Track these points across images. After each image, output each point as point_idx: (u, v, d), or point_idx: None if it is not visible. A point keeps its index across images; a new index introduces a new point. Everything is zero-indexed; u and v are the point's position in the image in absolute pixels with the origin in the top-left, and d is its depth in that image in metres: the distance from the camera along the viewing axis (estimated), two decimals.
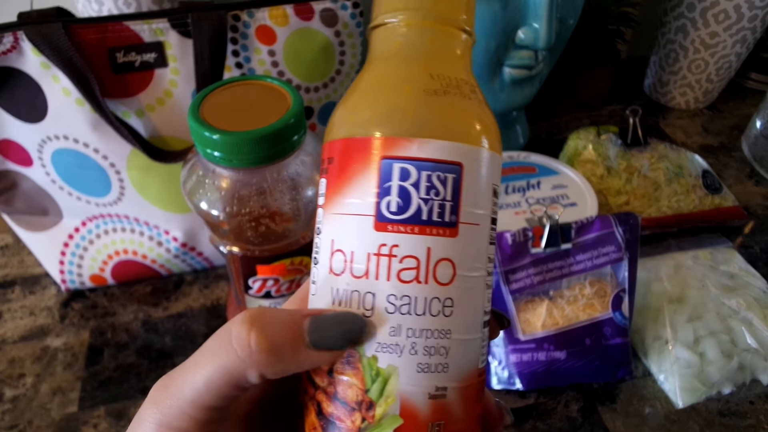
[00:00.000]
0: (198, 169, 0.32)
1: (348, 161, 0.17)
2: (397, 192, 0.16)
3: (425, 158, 0.16)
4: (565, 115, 0.67)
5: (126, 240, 0.47)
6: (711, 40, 0.59)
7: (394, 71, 0.18)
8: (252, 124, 0.30)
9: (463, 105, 0.17)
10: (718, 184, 0.52)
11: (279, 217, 0.32)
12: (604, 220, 0.41)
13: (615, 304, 0.41)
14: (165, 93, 0.40)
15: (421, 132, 0.17)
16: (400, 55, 0.18)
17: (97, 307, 0.48)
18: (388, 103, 0.17)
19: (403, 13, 0.18)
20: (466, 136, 0.17)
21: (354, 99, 0.18)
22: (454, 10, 0.18)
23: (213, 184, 0.31)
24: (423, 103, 0.17)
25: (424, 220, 0.16)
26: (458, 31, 0.19)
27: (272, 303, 0.37)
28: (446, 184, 0.17)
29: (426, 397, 0.17)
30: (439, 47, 0.18)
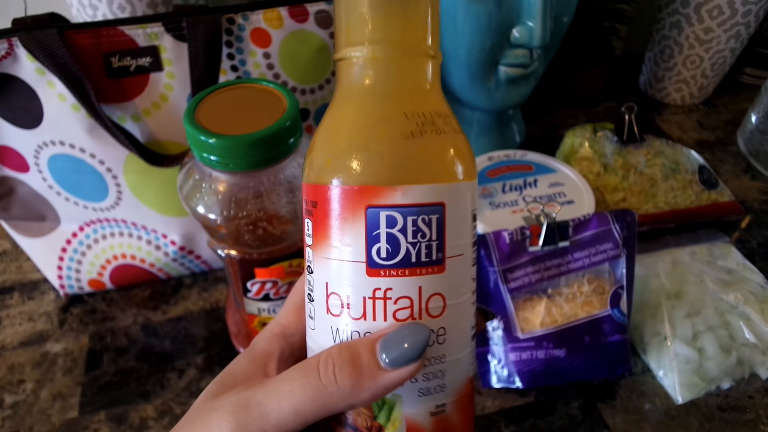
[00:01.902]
0: (194, 173, 0.32)
1: (333, 208, 0.17)
2: (386, 239, 0.17)
3: (409, 204, 0.17)
4: (561, 113, 0.67)
5: (124, 244, 0.47)
6: (705, 36, 0.59)
7: (368, 111, 0.18)
8: (248, 127, 0.30)
9: (439, 143, 0.18)
10: (714, 180, 0.52)
11: (276, 220, 0.32)
12: (601, 217, 0.42)
13: (613, 302, 0.41)
14: (161, 97, 0.40)
15: (403, 179, 0.17)
16: (371, 93, 0.18)
17: (96, 312, 0.48)
18: (368, 150, 0.17)
19: (369, 47, 0.18)
20: (446, 175, 0.18)
21: (331, 142, 0.18)
22: (420, 39, 0.18)
23: (210, 188, 0.31)
24: (402, 148, 0.17)
25: (414, 262, 0.17)
26: (427, 59, 0.18)
27: (271, 306, 0.37)
28: (431, 225, 0.17)
29: (428, 416, 0.18)
30: (410, 81, 0.18)
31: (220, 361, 0.44)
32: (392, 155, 0.17)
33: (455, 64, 0.50)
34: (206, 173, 0.31)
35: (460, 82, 0.52)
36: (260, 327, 0.39)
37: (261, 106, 0.32)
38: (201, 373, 0.43)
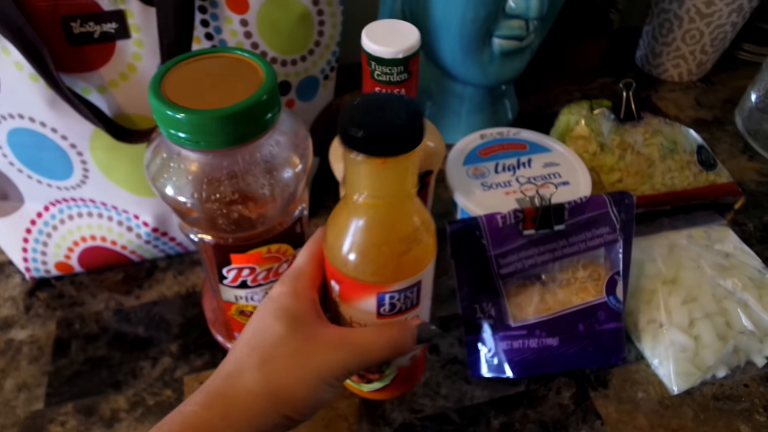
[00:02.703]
0: (162, 150, 0.30)
1: (355, 289, 0.28)
2: (388, 305, 0.29)
3: (402, 289, 0.28)
4: (555, 89, 0.64)
5: (93, 225, 0.44)
6: (707, 9, 0.56)
7: (374, 236, 0.27)
8: (220, 101, 0.27)
9: (420, 253, 0.28)
10: (712, 160, 0.50)
11: (253, 202, 0.30)
12: (598, 200, 0.40)
13: (609, 288, 0.39)
14: (128, 67, 0.37)
15: (398, 279, 0.28)
16: (376, 223, 0.27)
17: (64, 297, 0.45)
18: (375, 264, 0.27)
19: (373, 198, 0.26)
20: (423, 267, 0.29)
21: (349, 251, 0.27)
22: (408, 189, 0.26)
23: (179, 167, 0.29)
24: (397, 262, 0.28)
25: (403, 310, 0.30)
26: (411, 197, 0.27)
27: (248, 293, 0.35)
28: (414, 291, 0.29)
29: (408, 361, 0.33)
30: (400, 214, 0.27)
31: (196, 349, 0.41)
32: (392, 269, 0.28)
33: (447, 35, 0.48)
34: (175, 151, 0.29)
35: (452, 55, 0.49)
36: (238, 315, 0.37)
37: (235, 77, 0.29)
38: (176, 362, 0.41)
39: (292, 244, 0.34)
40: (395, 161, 0.24)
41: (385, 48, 0.32)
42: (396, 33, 0.33)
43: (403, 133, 0.23)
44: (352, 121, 0.23)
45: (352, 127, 0.23)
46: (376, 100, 0.25)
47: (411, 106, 0.24)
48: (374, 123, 0.23)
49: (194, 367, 0.40)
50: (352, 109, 0.24)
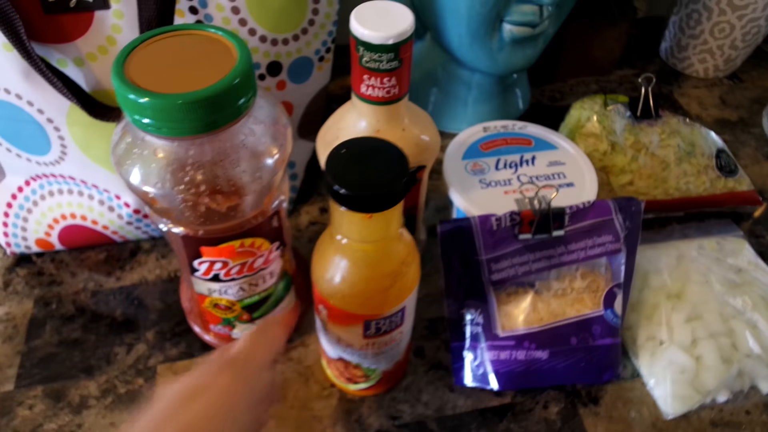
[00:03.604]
0: (129, 134, 0.27)
1: (343, 317, 0.30)
2: (374, 329, 0.30)
3: (387, 316, 0.30)
4: (570, 79, 0.61)
5: (73, 203, 0.42)
6: (740, 1, 0.52)
7: (362, 272, 0.28)
8: (188, 84, 0.25)
9: (404, 283, 0.29)
10: (733, 166, 0.47)
11: (221, 195, 0.27)
12: (602, 205, 0.37)
13: (607, 301, 0.37)
14: (108, 40, 0.35)
15: (384, 309, 0.30)
16: (362, 262, 0.28)
17: (44, 275, 0.44)
18: (362, 297, 0.29)
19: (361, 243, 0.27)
20: (408, 295, 0.30)
21: (338, 285, 0.29)
22: (392, 233, 0.28)
23: (142, 154, 0.27)
24: (383, 296, 0.29)
25: (388, 331, 0.31)
26: (396, 237, 0.28)
27: (222, 287, 0.33)
28: (398, 316, 0.31)
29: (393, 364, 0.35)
30: (386, 254, 0.28)
31: (172, 337, 0.40)
32: (379, 300, 0.29)
33: (454, 18, 0.44)
34: (139, 137, 0.27)
35: (459, 40, 0.46)
36: (212, 308, 0.35)
37: (206, 58, 0.27)
38: (151, 350, 0.39)
39: (268, 239, 0.32)
40: (380, 214, 0.25)
41: (375, 32, 0.29)
42: (388, 16, 0.30)
43: (388, 191, 0.24)
44: (337, 177, 0.24)
45: (337, 183, 0.24)
46: (361, 151, 0.25)
47: (396, 157, 0.25)
48: (359, 181, 0.24)
49: (169, 356, 0.39)
50: (337, 162, 0.25)
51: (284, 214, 0.34)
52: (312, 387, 0.38)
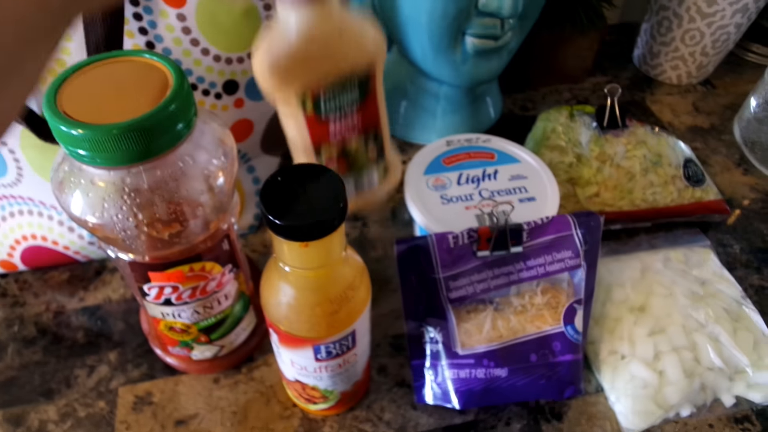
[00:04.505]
0: (66, 163, 0.27)
1: (292, 341, 0.30)
2: (324, 353, 0.30)
3: (337, 340, 0.30)
4: (543, 87, 0.60)
5: (33, 224, 0.42)
6: (708, 9, 0.52)
7: (307, 298, 0.28)
8: (122, 113, 0.25)
9: (352, 306, 0.29)
10: (700, 175, 0.47)
11: (160, 223, 0.27)
12: (561, 220, 0.37)
13: (567, 317, 0.37)
14: (57, 63, 0.35)
15: (332, 333, 0.29)
16: (306, 289, 0.28)
17: (7, 296, 0.44)
18: (309, 323, 0.29)
19: (303, 270, 0.27)
20: (355, 319, 0.30)
21: (285, 311, 0.29)
22: (336, 257, 0.27)
23: (81, 183, 0.26)
24: (330, 320, 0.29)
25: (340, 354, 0.31)
26: (339, 262, 0.28)
27: (174, 310, 0.33)
28: (348, 339, 0.31)
29: (351, 385, 0.35)
30: (331, 278, 0.28)
31: (134, 358, 0.40)
32: (325, 325, 0.29)
33: (416, 31, 0.44)
34: (76, 166, 0.26)
35: (422, 53, 0.46)
36: (168, 331, 0.35)
37: (140, 85, 0.26)
38: (113, 372, 0.39)
39: (219, 262, 0.32)
40: (318, 242, 0.25)
41: None
42: None
43: (324, 218, 0.24)
44: (271, 206, 0.24)
45: (271, 213, 0.24)
46: (296, 178, 0.25)
47: (333, 181, 0.25)
48: (295, 210, 0.24)
49: (130, 378, 0.39)
50: (272, 190, 0.25)
51: (235, 236, 0.33)
52: (274, 407, 0.38)
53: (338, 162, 0.35)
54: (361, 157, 0.35)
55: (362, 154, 0.35)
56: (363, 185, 0.37)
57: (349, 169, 0.35)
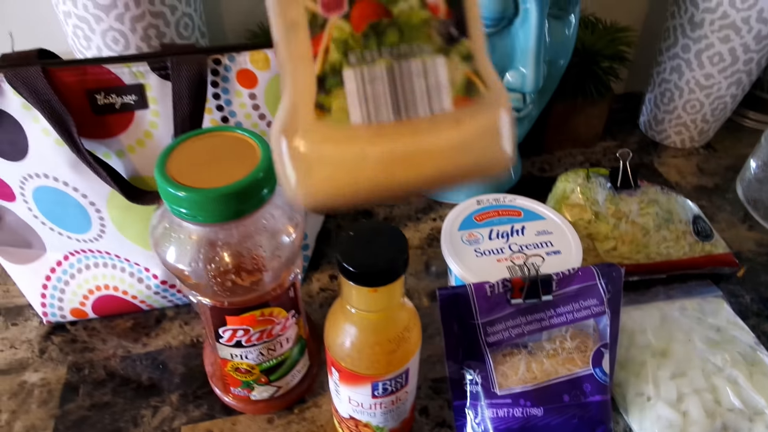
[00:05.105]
0: (166, 219, 0.32)
1: (353, 378, 0.33)
2: (381, 390, 0.34)
3: (393, 377, 0.33)
4: (558, 151, 0.66)
5: (107, 275, 0.47)
6: (706, 82, 0.58)
7: (368, 337, 0.32)
8: (219, 179, 0.30)
9: (407, 347, 0.33)
10: (709, 231, 0.51)
11: (245, 272, 0.32)
12: (586, 271, 0.41)
13: (596, 360, 0.40)
14: (145, 134, 0.40)
15: (389, 371, 0.33)
16: (369, 329, 0.32)
17: (77, 342, 0.47)
18: (369, 360, 0.32)
19: (367, 312, 0.31)
20: (411, 357, 0.33)
21: (346, 348, 0.32)
22: (397, 302, 0.31)
23: (179, 237, 0.31)
24: (388, 359, 0.32)
25: (394, 391, 0.35)
26: (400, 307, 0.32)
27: (243, 352, 0.37)
28: (403, 377, 0.34)
29: (399, 422, 0.38)
30: (391, 322, 0.32)
31: (195, 399, 0.43)
32: (384, 363, 0.32)
33: None
34: (176, 222, 0.31)
35: None
36: (233, 372, 0.39)
37: (234, 155, 0.31)
38: (175, 412, 0.42)
39: (285, 308, 0.36)
40: (384, 288, 0.29)
41: None
42: None
43: (390, 267, 0.29)
44: (346, 257, 0.28)
45: (346, 262, 0.28)
46: (367, 234, 0.30)
47: (396, 236, 0.30)
48: (365, 260, 0.28)
49: (192, 418, 0.42)
50: (346, 243, 0.29)
51: (298, 285, 0.38)
52: None
53: (360, 6, 0.18)
54: (408, 13, 0.18)
55: (413, 8, 0.18)
56: (412, 88, 0.18)
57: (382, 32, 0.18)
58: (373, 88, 0.18)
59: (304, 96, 0.18)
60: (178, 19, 0.49)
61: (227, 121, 0.42)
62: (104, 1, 0.46)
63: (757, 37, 0.54)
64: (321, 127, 0.18)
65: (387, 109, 0.18)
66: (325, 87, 0.18)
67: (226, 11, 0.60)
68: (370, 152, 0.18)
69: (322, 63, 0.18)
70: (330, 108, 0.18)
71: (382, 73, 0.18)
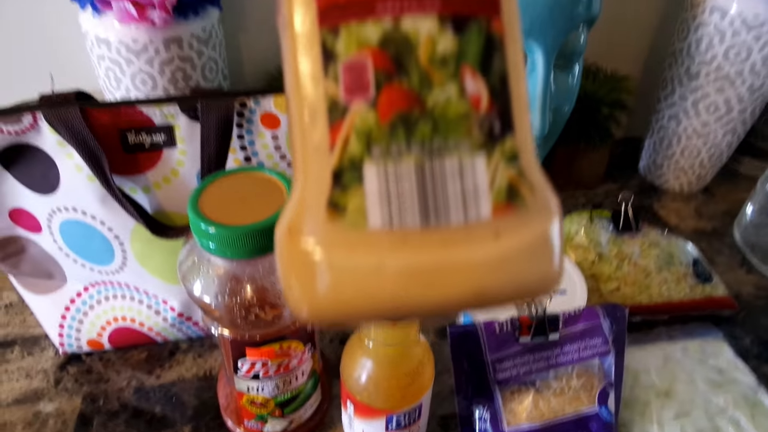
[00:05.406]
0: (194, 254, 0.34)
1: (368, 411, 0.34)
2: (395, 423, 0.35)
3: (407, 411, 0.35)
4: (562, 193, 0.68)
5: (125, 307, 0.48)
6: (702, 129, 0.61)
7: (384, 371, 0.33)
8: (247, 216, 0.31)
9: (421, 381, 0.34)
10: (708, 274, 0.53)
11: (269, 306, 0.33)
12: (591, 311, 0.42)
13: (601, 399, 0.41)
14: (172, 172, 0.42)
15: (404, 405, 0.34)
16: (386, 363, 0.33)
17: (92, 373, 0.48)
18: (385, 394, 0.34)
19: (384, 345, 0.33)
20: (425, 392, 0.35)
21: (362, 381, 0.34)
22: (414, 337, 0.33)
23: (207, 272, 0.33)
24: (403, 393, 0.34)
25: (408, 425, 0.36)
26: (416, 338, 0.34)
27: (260, 384, 0.38)
28: (416, 411, 0.35)
29: None
30: (406, 356, 0.33)
31: (207, 431, 0.44)
32: (398, 398, 0.34)
33: None
34: (205, 257, 0.33)
35: None
36: (248, 404, 0.40)
37: (261, 195, 0.33)
38: None
39: (302, 341, 0.38)
40: (403, 322, 0.31)
41: None
42: None
43: None
44: None
45: None
46: None
47: None
48: None
49: None
50: None
51: None
52: None
53: (388, 93, 0.15)
54: (445, 104, 0.16)
55: (451, 98, 0.15)
56: (445, 191, 0.16)
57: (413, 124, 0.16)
58: (398, 188, 0.15)
59: (317, 192, 0.16)
60: (204, 63, 0.52)
61: (250, 161, 0.44)
62: (136, 46, 0.48)
63: (750, 89, 0.57)
64: (333, 229, 0.15)
65: (413, 214, 0.15)
66: (341, 183, 0.15)
67: (246, 56, 0.63)
68: (390, 263, 0.15)
69: (340, 155, 0.15)
70: (345, 208, 0.15)
71: (409, 171, 0.15)
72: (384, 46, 0.15)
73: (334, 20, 0.15)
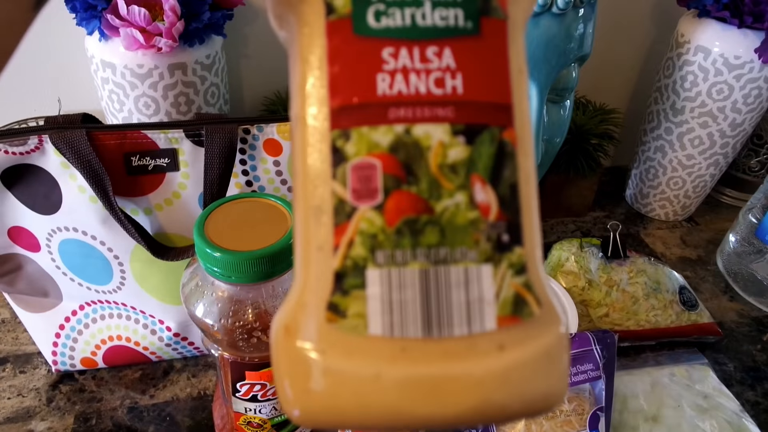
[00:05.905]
0: (198, 277, 0.34)
1: None
2: None
3: None
4: (551, 220, 0.70)
5: (120, 326, 0.48)
6: (687, 162, 0.63)
7: None
8: (252, 242, 0.32)
9: None
10: (694, 301, 0.54)
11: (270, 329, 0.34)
12: (582, 337, 0.43)
13: (592, 423, 0.42)
14: (173, 194, 0.43)
15: None
16: None
17: (85, 391, 0.48)
18: None
19: None
20: None
21: None
22: None
23: (210, 295, 0.33)
24: None
25: None
26: None
27: (257, 406, 0.38)
28: None
29: None
30: None
31: None
32: None
33: None
34: (209, 281, 0.34)
35: None
36: (245, 425, 0.40)
37: (266, 221, 0.34)
38: None
39: None
40: None
41: None
42: None
43: None
44: None
45: None
46: None
47: None
48: None
49: None
50: None
51: None
52: None
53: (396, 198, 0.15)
54: (454, 211, 0.15)
55: (460, 207, 0.15)
56: (449, 301, 0.15)
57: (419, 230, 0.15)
58: (402, 296, 0.15)
59: (317, 292, 0.15)
60: (207, 88, 0.53)
61: (251, 185, 0.45)
62: (141, 71, 0.49)
63: (732, 125, 0.59)
64: (331, 333, 0.15)
65: (415, 323, 0.15)
66: (343, 286, 0.15)
67: (246, 82, 0.65)
68: (387, 373, 0.15)
69: (344, 257, 0.15)
70: (345, 312, 0.15)
71: (414, 279, 0.15)
72: (394, 152, 0.15)
73: (346, 122, 0.15)
